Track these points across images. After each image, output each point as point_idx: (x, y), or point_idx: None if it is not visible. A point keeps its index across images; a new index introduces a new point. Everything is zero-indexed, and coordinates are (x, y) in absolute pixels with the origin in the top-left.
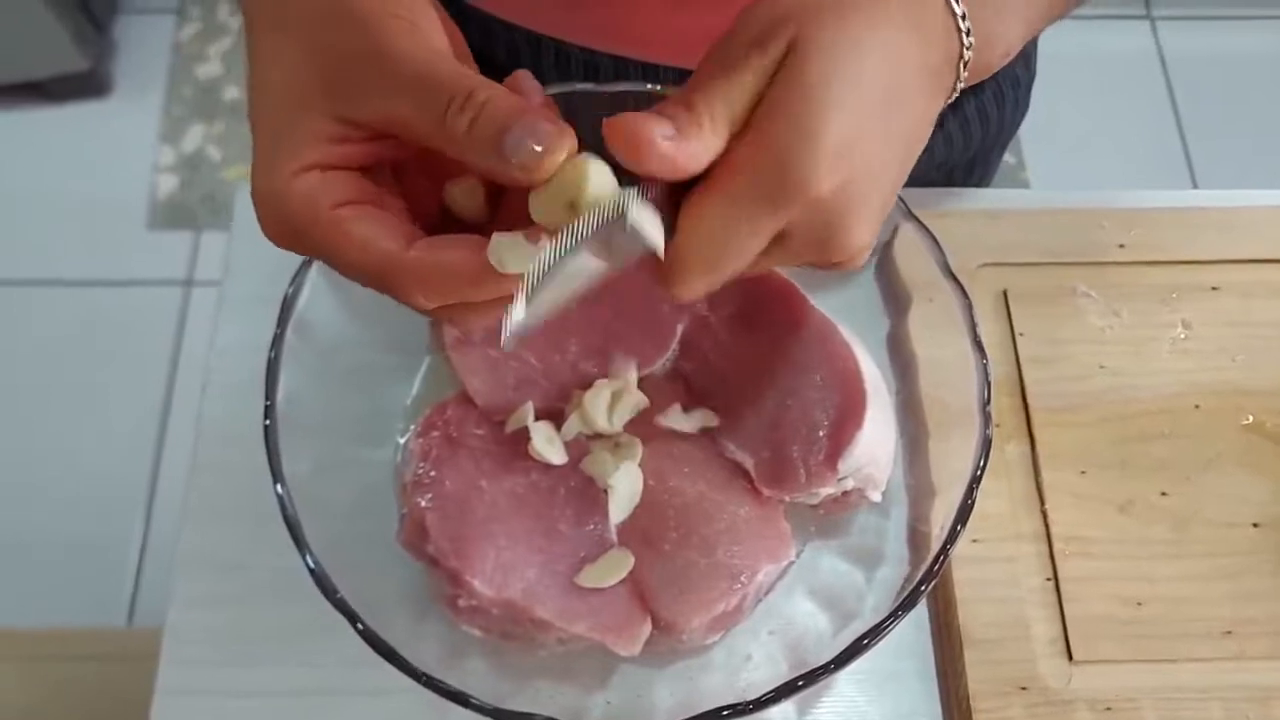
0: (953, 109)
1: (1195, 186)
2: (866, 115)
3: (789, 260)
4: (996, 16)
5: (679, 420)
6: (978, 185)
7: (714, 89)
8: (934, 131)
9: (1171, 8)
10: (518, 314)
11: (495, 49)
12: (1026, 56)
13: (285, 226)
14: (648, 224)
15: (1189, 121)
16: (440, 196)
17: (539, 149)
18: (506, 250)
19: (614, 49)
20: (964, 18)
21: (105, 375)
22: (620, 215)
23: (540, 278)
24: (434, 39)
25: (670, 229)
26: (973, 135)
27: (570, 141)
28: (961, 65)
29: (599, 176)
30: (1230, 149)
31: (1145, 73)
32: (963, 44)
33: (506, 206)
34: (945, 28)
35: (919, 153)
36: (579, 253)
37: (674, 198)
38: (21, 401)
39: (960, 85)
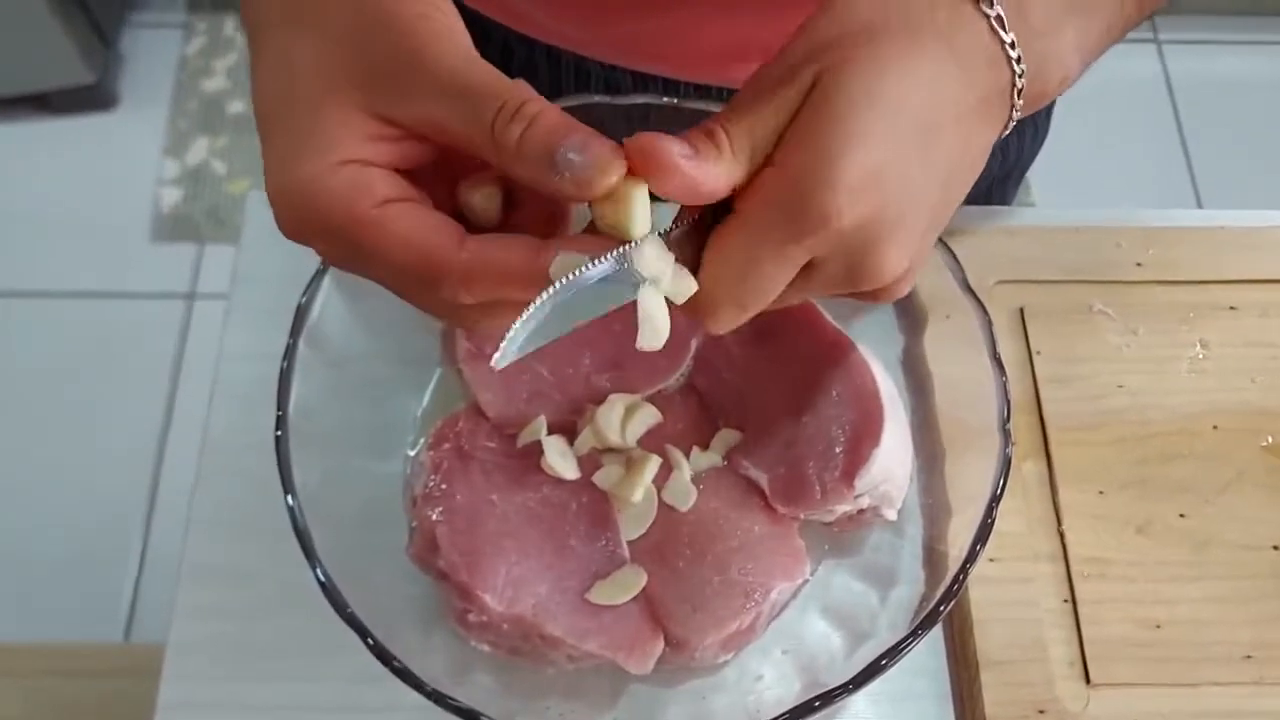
0: None
1: (1195, 209)
2: (898, 144)
3: (821, 291)
4: (1050, 43)
5: (701, 460)
6: None
7: (737, 118)
8: None
9: (1178, 33)
10: (512, 339)
11: (512, 65)
12: None
13: (310, 222)
14: (654, 280)
15: (1194, 145)
16: (455, 201)
17: (594, 167)
18: (571, 269)
19: (636, 65)
20: (1013, 45)
21: (107, 387)
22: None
23: (542, 313)
24: (466, 41)
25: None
26: (993, 162)
27: (623, 162)
28: (1015, 94)
29: (641, 206)
30: (1235, 173)
31: (1152, 97)
32: (1014, 71)
33: (523, 213)
34: (990, 57)
35: (970, 181)
36: (583, 293)
37: (704, 233)
38: (22, 412)
39: (1016, 114)
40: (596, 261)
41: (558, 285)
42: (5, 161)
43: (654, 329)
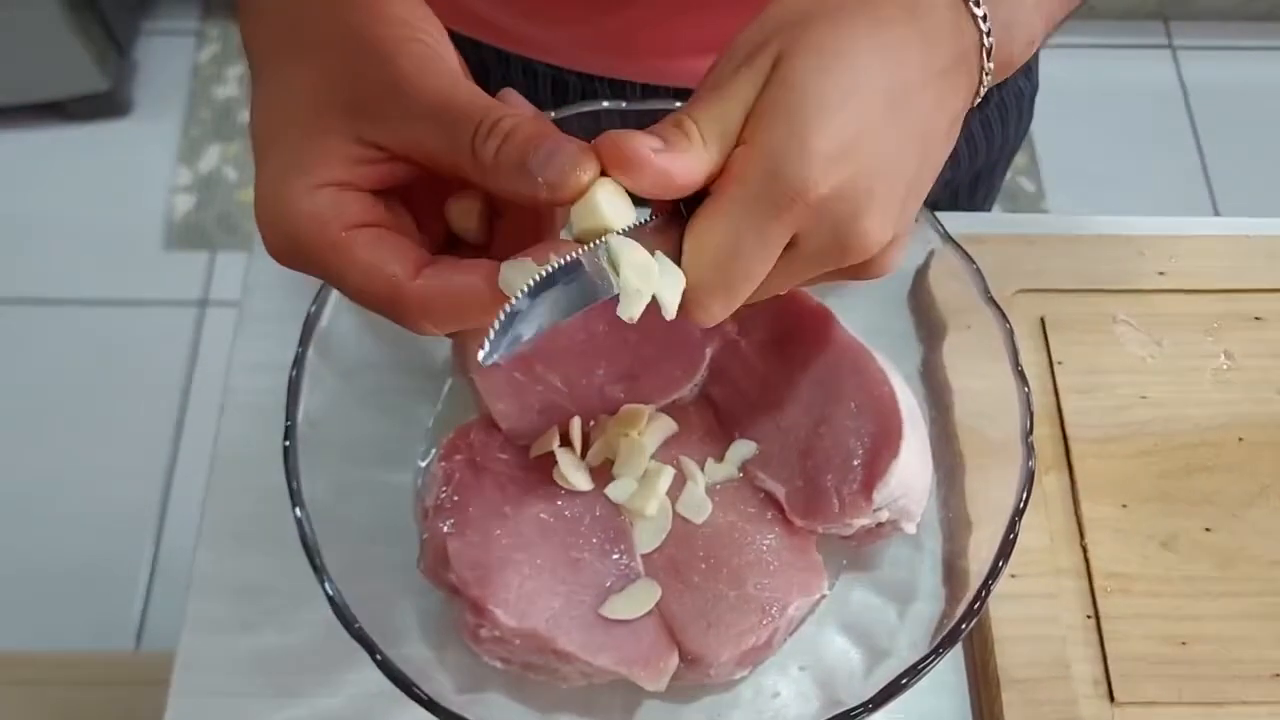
0: None
1: (1217, 216)
2: (866, 113)
3: (809, 269)
4: (1014, 6)
5: (716, 472)
6: (983, 203)
7: (703, 106)
8: None
9: (1193, 38)
10: (496, 338)
11: (489, 82)
12: (1028, 68)
13: (291, 244)
14: (629, 265)
15: (1211, 152)
16: (443, 220)
17: (565, 169)
18: (516, 275)
19: (610, 70)
20: (978, 3)
21: (119, 395)
22: (607, 253)
23: (523, 305)
24: (451, 62)
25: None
26: (978, 150)
27: (594, 162)
28: (985, 55)
29: (612, 201)
30: (1252, 179)
31: (1167, 103)
32: (981, 32)
33: (503, 228)
34: (953, 23)
35: (946, 150)
36: (561, 286)
37: (682, 223)
38: (34, 420)
39: (987, 78)
40: (564, 258)
41: (534, 280)
42: (20, 168)
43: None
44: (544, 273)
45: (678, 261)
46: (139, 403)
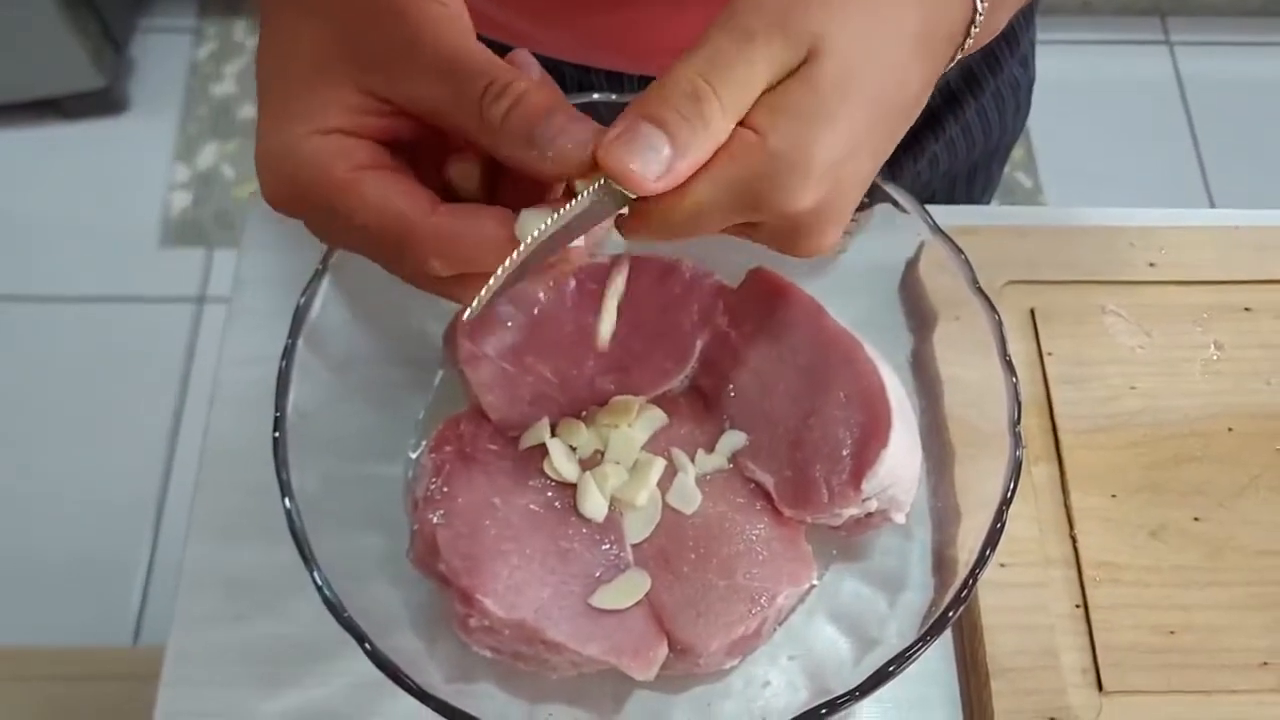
0: (954, 115)
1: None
2: (860, 134)
3: (752, 239)
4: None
5: (706, 462)
6: (981, 195)
7: (727, 71)
8: (936, 139)
9: (1190, 34)
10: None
11: None
12: (1025, 59)
13: (292, 187)
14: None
15: (1207, 147)
16: (442, 180)
17: (572, 150)
18: (533, 223)
19: (607, 63)
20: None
21: (116, 391)
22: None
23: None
24: (465, 22)
25: None
26: (975, 141)
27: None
28: (971, 28)
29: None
30: (1248, 174)
31: (1164, 98)
32: (976, 11)
33: (505, 190)
34: (962, 10)
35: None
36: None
37: None
38: (32, 416)
39: (959, 53)
40: (562, 210)
41: (536, 233)
42: (17, 166)
43: None
44: (555, 216)
45: None
46: (137, 399)
